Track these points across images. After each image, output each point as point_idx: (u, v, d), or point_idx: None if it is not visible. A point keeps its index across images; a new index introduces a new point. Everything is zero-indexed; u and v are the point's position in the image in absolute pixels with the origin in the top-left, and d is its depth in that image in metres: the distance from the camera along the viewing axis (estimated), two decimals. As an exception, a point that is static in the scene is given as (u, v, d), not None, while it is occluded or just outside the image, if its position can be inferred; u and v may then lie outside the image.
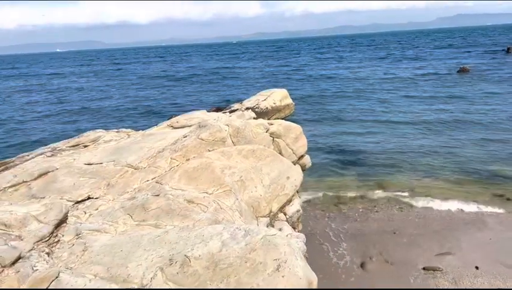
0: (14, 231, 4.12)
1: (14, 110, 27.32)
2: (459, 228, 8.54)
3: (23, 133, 20.14)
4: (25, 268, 3.43)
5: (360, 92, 25.02)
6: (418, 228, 8.65)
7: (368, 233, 8.56)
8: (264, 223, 6.08)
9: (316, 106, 22.20)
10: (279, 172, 6.80)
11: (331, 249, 7.99)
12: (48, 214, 4.40)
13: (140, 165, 6.99)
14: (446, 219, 9.00)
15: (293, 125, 8.46)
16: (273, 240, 3.73)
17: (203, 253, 3.64)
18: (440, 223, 8.80)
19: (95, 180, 6.47)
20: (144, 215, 5.11)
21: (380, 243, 8.09)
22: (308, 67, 44.82)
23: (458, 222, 8.82)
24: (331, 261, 7.57)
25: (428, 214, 9.28)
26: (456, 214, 9.20)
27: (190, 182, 6.23)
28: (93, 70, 62.89)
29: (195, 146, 7.43)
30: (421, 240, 8.14)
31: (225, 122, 8.15)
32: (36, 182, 6.57)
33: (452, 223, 8.81)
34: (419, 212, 9.35)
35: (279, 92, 19.75)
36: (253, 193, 6.40)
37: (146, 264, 3.65)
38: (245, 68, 49.40)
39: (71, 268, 3.72)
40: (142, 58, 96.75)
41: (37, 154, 8.14)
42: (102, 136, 8.96)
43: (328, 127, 17.77)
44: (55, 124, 22.16)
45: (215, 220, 5.09)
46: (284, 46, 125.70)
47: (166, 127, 9.33)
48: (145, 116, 22.35)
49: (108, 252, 3.97)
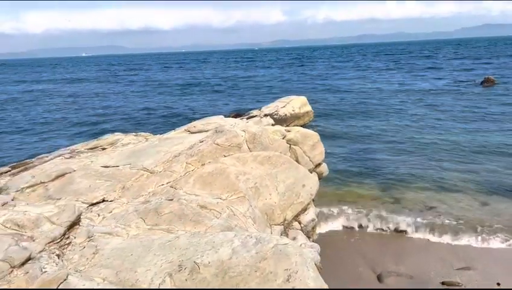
0: (26, 232, 4.14)
1: (36, 112, 27.96)
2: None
3: (44, 135, 20.56)
4: (34, 269, 3.42)
5: (380, 103, 24.59)
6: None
7: (385, 245, 8.35)
8: (278, 232, 5.98)
9: (335, 115, 21.98)
10: (295, 180, 6.70)
11: (346, 260, 7.81)
12: (60, 216, 4.41)
13: (156, 169, 7.00)
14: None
15: (311, 133, 8.35)
16: (285, 249, 3.63)
17: (212, 260, 3.57)
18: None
19: (111, 183, 6.50)
20: (157, 220, 5.09)
21: (398, 256, 7.87)
22: (328, 76, 44.54)
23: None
24: (346, 273, 7.39)
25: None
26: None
27: (204, 187, 6.18)
28: (114, 75, 64.01)
29: (211, 151, 7.40)
30: (439, 253, 7.88)
31: (242, 128, 8.11)
32: (53, 183, 6.64)
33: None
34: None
35: (298, 99, 19.65)
36: (268, 200, 6.32)
37: (155, 270, 3.60)
38: (264, 75, 49.44)
39: (80, 271, 3.70)
40: (163, 64, 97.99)
41: (56, 155, 8.25)
42: (121, 139, 9.03)
43: (347, 136, 17.53)
44: (75, 126, 22.56)
45: (227, 226, 5.03)
46: (305, 53, 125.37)
47: (183, 132, 9.35)
48: (163, 121, 22.54)
49: (118, 255, 3.94)
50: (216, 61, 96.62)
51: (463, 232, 8.64)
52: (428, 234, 8.66)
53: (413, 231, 8.76)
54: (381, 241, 8.49)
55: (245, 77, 50.01)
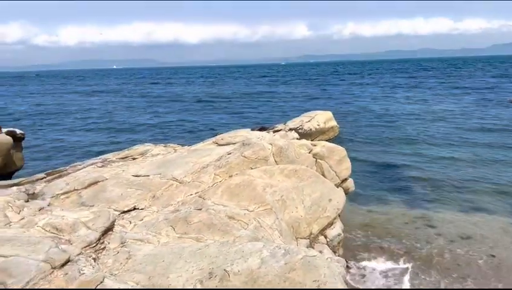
0: (64, 235, 4.33)
1: (71, 121, 28.88)
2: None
3: (77, 144, 21.19)
4: (73, 271, 3.58)
5: (408, 120, 24.23)
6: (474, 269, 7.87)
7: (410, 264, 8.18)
8: (303, 245, 6.01)
9: (361, 130, 21.83)
10: (321, 194, 6.74)
11: (372, 278, 7.72)
12: (96, 221, 4.60)
13: (185, 179, 7.17)
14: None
15: (337, 148, 8.38)
16: (313, 261, 3.68)
17: (242, 269, 3.65)
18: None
19: (141, 191, 6.70)
20: (186, 228, 5.21)
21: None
22: (353, 91, 44.30)
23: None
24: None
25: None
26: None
27: (232, 199, 6.30)
28: (143, 87, 65.46)
29: (239, 163, 7.53)
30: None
31: (268, 141, 8.22)
32: (86, 191, 6.89)
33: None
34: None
35: (323, 114, 19.69)
36: (294, 213, 6.37)
37: (186, 276, 3.71)
38: (289, 91, 49.54)
39: (115, 275, 3.85)
40: (191, 77, 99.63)
41: (89, 164, 8.55)
42: (150, 150, 9.28)
43: (374, 152, 17.37)
44: (106, 136, 23.19)
45: (255, 237, 5.11)
46: (331, 69, 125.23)
47: (211, 144, 9.53)
48: (191, 133, 22.91)
49: (150, 261, 4.07)
50: (243, 76, 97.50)
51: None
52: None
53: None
54: (408, 260, 8.33)
55: (271, 90, 50.31)
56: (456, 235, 9.15)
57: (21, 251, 3.71)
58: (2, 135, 9.69)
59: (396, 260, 8.01)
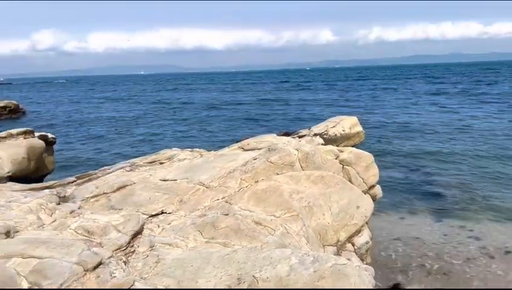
0: (95, 238, 4.42)
1: (100, 125, 29.60)
2: None
3: (106, 147, 21.69)
4: (105, 274, 3.64)
5: (435, 127, 23.58)
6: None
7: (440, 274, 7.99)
8: (331, 252, 5.94)
9: (387, 136, 21.50)
10: (349, 201, 6.65)
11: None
12: (126, 225, 4.67)
13: (212, 184, 7.20)
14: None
15: (365, 154, 8.27)
16: (343, 269, 3.63)
17: (271, 276, 3.64)
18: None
19: (169, 195, 6.77)
20: (213, 233, 5.23)
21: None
22: (378, 97, 43.69)
23: None
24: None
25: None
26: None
27: (258, 204, 6.29)
28: (169, 92, 66.43)
29: (265, 169, 7.52)
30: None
31: (294, 147, 8.18)
32: (115, 194, 7.01)
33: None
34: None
35: (349, 120, 19.42)
36: (321, 220, 6.31)
37: (215, 281, 3.72)
38: (312, 97, 49.29)
39: (145, 278, 3.90)
40: (213, 82, 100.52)
41: (117, 168, 8.71)
42: (177, 155, 9.38)
43: (401, 157, 17.08)
44: (133, 140, 23.65)
45: (282, 244, 5.08)
46: (356, 74, 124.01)
47: (237, 149, 9.55)
48: (216, 138, 23.10)
49: (179, 266, 4.10)
50: (267, 81, 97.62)
51: None
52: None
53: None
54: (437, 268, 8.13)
55: (293, 97, 50.15)
56: (502, 251, 8.70)
57: (55, 253, 3.81)
58: (35, 139, 9.99)
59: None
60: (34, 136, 10.08)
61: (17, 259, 3.82)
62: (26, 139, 9.72)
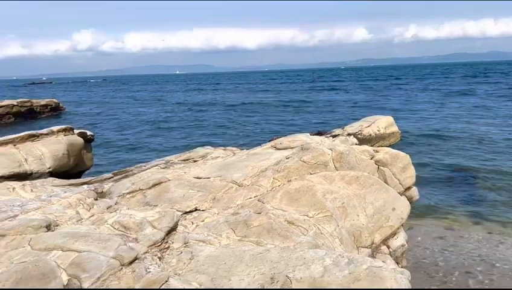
0: (131, 234, 4.51)
1: (137, 124, 30.32)
2: None
3: (142, 145, 22.21)
4: (140, 269, 3.71)
5: (476, 128, 22.61)
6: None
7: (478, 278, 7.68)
8: (365, 254, 5.81)
9: (423, 137, 20.89)
10: (384, 202, 6.50)
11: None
12: (161, 221, 4.74)
13: (244, 182, 7.21)
14: None
15: (401, 154, 8.05)
16: (379, 272, 3.54)
17: (304, 276, 3.59)
18: None
19: (202, 193, 6.82)
20: (246, 232, 5.23)
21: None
22: (414, 96, 42.52)
23: None
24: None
25: None
26: None
27: (291, 204, 6.24)
28: (202, 92, 67.18)
29: (297, 168, 7.46)
30: None
31: (328, 146, 8.07)
32: (150, 191, 7.14)
33: None
34: None
35: (384, 119, 19.06)
36: (355, 221, 6.19)
37: (248, 280, 3.71)
38: (345, 96, 48.55)
39: (179, 274, 3.93)
40: (248, 82, 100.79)
41: (153, 165, 8.88)
42: (211, 153, 9.46)
43: (438, 159, 16.55)
44: (170, 138, 24.13)
45: (315, 244, 5.02)
46: (392, 73, 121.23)
47: (269, 148, 9.53)
48: (247, 137, 23.18)
49: (212, 263, 4.12)
50: (301, 81, 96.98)
51: None
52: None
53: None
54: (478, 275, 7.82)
55: (326, 94, 49.59)
56: None
57: (93, 247, 3.91)
58: (74, 136, 10.31)
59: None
60: (74, 134, 10.41)
61: (57, 252, 3.96)
62: (66, 136, 10.05)
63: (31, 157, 8.91)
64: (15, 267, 3.73)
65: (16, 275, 3.55)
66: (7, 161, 8.54)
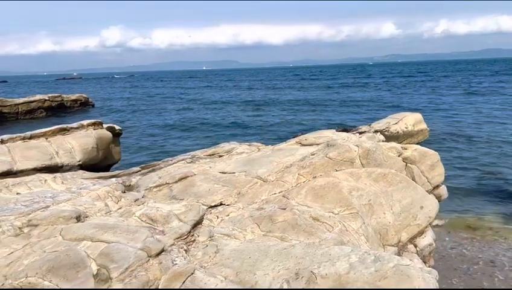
0: (158, 226, 4.59)
1: (163, 119, 30.76)
2: None
3: (168, 140, 22.54)
4: (167, 261, 3.77)
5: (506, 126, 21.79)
6: None
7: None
8: (391, 253, 5.73)
9: (453, 135, 20.35)
10: (412, 200, 6.37)
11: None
12: (187, 214, 4.80)
13: (269, 178, 7.21)
14: None
15: (430, 152, 7.88)
16: (407, 270, 3.48)
17: (329, 273, 3.57)
18: None
19: (227, 188, 6.87)
20: (271, 227, 5.23)
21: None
22: (441, 95, 41.39)
23: None
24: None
25: None
26: None
27: (316, 200, 6.20)
28: (231, 88, 67.37)
29: (323, 164, 7.40)
30: None
31: (355, 143, 7.98)
32: (176, 185, 7.23)
33: None
34: None
35: (412, 116, 18.60)
36: (381, 219, 6.10)
37: (273, 275, 3.71)
38: (372, 93, 47.75)
39: (204, 267, 3.98)
40: (271, 78, 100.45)
41: (179, 159, 8.99)
42: (236, 148, 9.50)
43: (468, 157, 16.11)
44: (196, 133, 24.39)
45: (340, 241, 4.97)
46: (421, 69, 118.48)
47: (294, 144, 9.49)
48: (272, 133, 23.17)
49: (237, 257, 4.15)
50: (323, 77, 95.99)
51: None
52: None
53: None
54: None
55: (352, 91, 48.94)
56: None
57: (121, 238, 3.99)
58: (103, 130, 10.54)
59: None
60: (103, 128, 10.64)
61: (87, 242, 4.06)
62: (95, 130, 10.28)
63: (61, 150, 9.17)
64: (47, 256, 3.86)
65: (48, 263, 3.67)
66: (39, 154, 8.82)
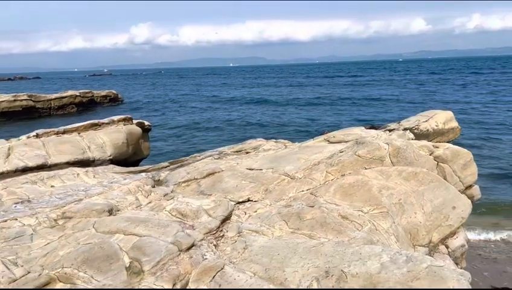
0: (188, 221, 4.64)
1: (190, 116, 31.08)
2: None
3: (196, 136, 22.79)
4: (197, 255, 3.81)
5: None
6: None
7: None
8: (422, 253, 5.61)
9: (484, 134, 19.73)
10: (444, 200, 6.22)
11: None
12: (216, 210, 4.84)
13: (297, 175, 7.18)
14: None
15: (463, 151, 7.66)
16: (440, 271, 3.40)
17: (360, 272, 3.53)
18: None
19: (255, 184, 6.88)
20: (299, 224, 5.21)
21: None
22: (475, 93, 40.05)
23: None
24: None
25: None
26: None
27: (345, 198, 6.14)
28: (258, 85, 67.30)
29: (352, 162, 7.31)
30: None
31: (385, 141, 7.84)
32: (204, 180, 7.30)
33: None
34: None
35: (443, 114, 18.09)
36: (412, 219, 5.98)
37: (302, 272, 3.70)
38: (401, 89, 46.75)
39: (233, 263, 4.00)
40: (300, 75, 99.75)
41: (207, 155, 9.07)
42: (262, 145, 9.51)
43: (502, 157, 15.59)
44: (221, 131, 24.53)
45: (370, 240, 4.91)
46: (451, 66, 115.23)
47: (322, 141, 9.42)
48: (298, 131, 23.07)
49: (266, 253, 4.15)
50: (350, 74, 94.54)
51: None
52: None
53: None
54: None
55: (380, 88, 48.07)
56: None
57: (153, 232, 4.06)
58: (133, 125, 10.74)
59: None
60: (133, 123, 10.85)
61: (119, 235, 4.15)
62: (125, 125, 10.49)
63: (93, 145, 9.40)
64: (82, 247, 3.96)
65: (83, 255, 3.77)
66: (72, 148, 9.07)
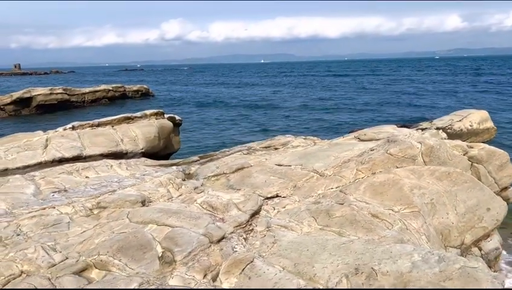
0: (218, 214, 4.72)
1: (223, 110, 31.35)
2: None
3: (225, 131, 23.03)
4: (227, 248, 3.87)
5: None
6: None
7: None
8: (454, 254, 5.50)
9: None
10: (478, 201, 6.06)
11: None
12: (246, 204, 4.90)
13: (326, 172, 7.15)
14: None
15: (499, 151, 7.44)
16: (474, 273, 3.34)
17: (391, 270, 3.50)
18: None
19: (283, 180, 6.90)
20: (328, 221, 5.21)
21: None
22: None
23: None
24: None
25: None
26: None
27: (375, 197, 6.08)
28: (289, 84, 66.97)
29: (383, 161, 7.22)
30: None
31: (417, 140, 7.70)
32: (233, 175, 7.38)
33: None
34: None
35: (477, 114, 17.58)
36: (444, 219, 5.87)
37: (331, 268, 3.70)
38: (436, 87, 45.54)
39: (262, 256, 4.04)
40: (330, 72, 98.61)
41: (236, 151, 9.16)
42: (291, 141, 9.51)
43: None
44: (250, 125, 24.65)
45: (400, 239, 4.85)
46: (488, 64, 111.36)
47: (352, 139, 9.33)
48: (327, 128, 22.88)
49: (295, 249, 4.17)
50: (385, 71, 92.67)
51: None
52: None
53: None
54: None
55: (413, 85, 46.99)
56: None
57: (185, 224, 4.16)
58: (165, 120, 10.96)
59: None
60: (164, 118, 11.06)
61: (152, 225, 4.27)
62: (157, 119, 10.72)
63: (126, 138, 9.65)
64: (117, 236, 4.10)
65: (118, 243, 3.90)
66: (106, 141, 9.34)
